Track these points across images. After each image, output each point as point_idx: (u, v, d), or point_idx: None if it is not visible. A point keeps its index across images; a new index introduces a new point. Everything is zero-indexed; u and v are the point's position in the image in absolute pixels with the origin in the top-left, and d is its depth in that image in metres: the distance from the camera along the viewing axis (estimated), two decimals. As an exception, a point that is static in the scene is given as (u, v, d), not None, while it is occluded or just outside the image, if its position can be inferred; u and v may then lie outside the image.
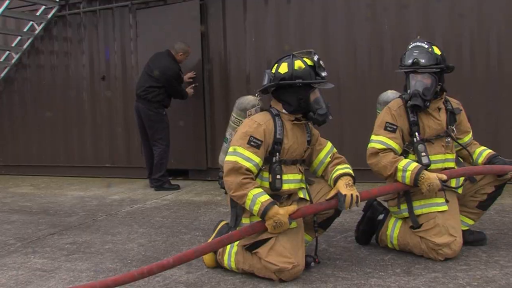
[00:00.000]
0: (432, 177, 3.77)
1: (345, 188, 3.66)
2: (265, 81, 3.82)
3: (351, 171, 3.83)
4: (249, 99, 4.03)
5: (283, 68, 3.76)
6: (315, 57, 3.75)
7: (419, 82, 3.96)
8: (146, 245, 4.70)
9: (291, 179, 3.77)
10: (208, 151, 8.09)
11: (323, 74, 3.74)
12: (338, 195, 3.64)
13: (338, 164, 3.89)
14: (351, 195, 3.62)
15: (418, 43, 4.05)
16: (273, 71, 3.80)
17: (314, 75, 3.72)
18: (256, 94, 3.94)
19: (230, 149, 3.69)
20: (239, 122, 3.94)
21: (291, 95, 3.75)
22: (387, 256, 4.04)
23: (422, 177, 3.78)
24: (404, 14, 6.94)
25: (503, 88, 6.56)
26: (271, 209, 3.51)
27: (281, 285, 3.58)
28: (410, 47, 4.07)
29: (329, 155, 3.94)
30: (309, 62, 3.75)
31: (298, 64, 3.74)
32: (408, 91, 3.98)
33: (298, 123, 3.82)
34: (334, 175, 3.80)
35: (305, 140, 3.88)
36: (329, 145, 3.99)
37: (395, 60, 6.43)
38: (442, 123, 4.04)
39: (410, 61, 3.99)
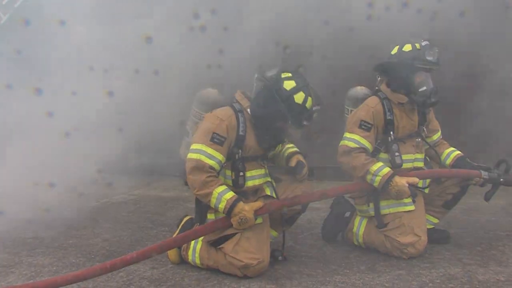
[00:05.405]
0: (401, 184, 3.78)
1: (303, 159, 3.83)
2: None
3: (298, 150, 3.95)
4: (210, 92, 3.99)
5: None
6: None
7: (429, 80, 3.99)
8: (110, 240, 4.63)
9: (254, 175, 3.75)
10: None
11: None
12: (298, 162, 3.79)
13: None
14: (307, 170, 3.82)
15: (428, 43, 3.99)
16: None
17: None
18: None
19: (193, 146, 3.61)
20: (200, 116, 3.89)
21: None
22: (352, 254, 4.06)
23: (391, 184, 3.80)
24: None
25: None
26: (236, 206, 3.49)
27: (246, 280, 3.56)
28: (423, 44, 3.96)
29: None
30: None
31: None
32: (423, 88, 3.94)
33: None
34: (287, 152, 3.89)
35: None
36: None
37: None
38: (415, 123, 4.07)
39: (435, 58, 3.95)
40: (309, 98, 3.59)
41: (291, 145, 3.95)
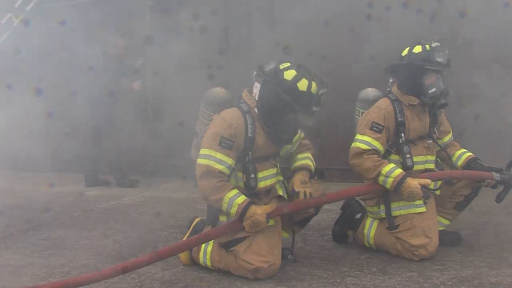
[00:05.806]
0: (413, 186, 3.74)
1: (299, 184, 3.69)
2: None
3: (309, 162, 3.85)
4: (217, 92, 3.97)
5: None
6: None
7: (440, 82, 3.97)
8: (121, 242, 4.64)
9: (266, 176, 3.73)
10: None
11: None
12: (292, 193, 3.71)
13: (299, 153, 3.89)
14: (304, 192, 3.66)
15: (439, 44, 3.97)
16: None
17: None
18: None
19: (201, 151, 3.57)
20: (209, 116, 3.88)
21: None
22: (363, 255, 4.05)
23: (403, 186, 3.77)
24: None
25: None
26: (248, 210, 3.47)
27: (257, 282, 3.56)
28: (433, 45, 3.94)
29: (295, 144, 3.89)
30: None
31: None
32: (432, 90, 3.93)
33: None
34: (293, 166, 3.83)
35: None
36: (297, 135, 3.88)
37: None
38: (426, 125, 4.06)
39: (445, 60, 3.94)
40: (313, 83, 3.51)
41: (304, 155, 3.87)
